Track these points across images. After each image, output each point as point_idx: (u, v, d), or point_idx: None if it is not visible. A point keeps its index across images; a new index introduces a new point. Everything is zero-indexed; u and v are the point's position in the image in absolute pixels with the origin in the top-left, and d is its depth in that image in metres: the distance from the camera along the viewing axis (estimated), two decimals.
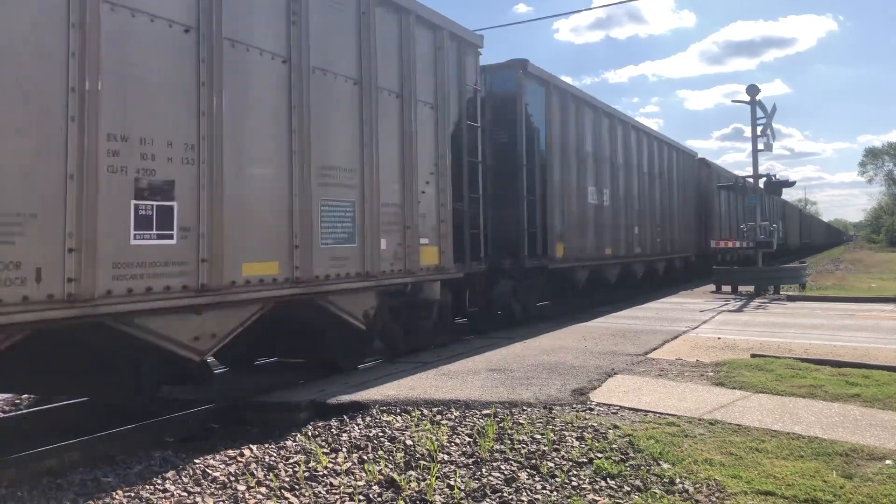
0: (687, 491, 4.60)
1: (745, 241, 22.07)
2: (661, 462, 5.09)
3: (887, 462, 5.05)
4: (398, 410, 6.54)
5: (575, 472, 4.94)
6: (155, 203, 6.05)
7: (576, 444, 5.51)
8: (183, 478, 5.12)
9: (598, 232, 16.46)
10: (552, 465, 5.08)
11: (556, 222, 14.13)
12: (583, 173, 15.70)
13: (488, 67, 12.76)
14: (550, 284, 14.56)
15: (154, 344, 6.13)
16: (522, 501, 4.48)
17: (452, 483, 4.75)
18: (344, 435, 5.94)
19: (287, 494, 4.72)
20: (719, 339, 10.79)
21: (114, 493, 4.83)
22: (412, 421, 6.18)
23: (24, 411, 7.56)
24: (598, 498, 4.54)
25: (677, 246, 23.11)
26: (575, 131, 15.38)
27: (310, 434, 6.03)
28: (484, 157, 11.70)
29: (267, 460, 5.41)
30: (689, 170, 25.24)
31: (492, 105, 12.75)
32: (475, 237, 11.20)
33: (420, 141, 9.76)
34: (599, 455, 5.23)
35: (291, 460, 5.39)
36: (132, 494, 4.82)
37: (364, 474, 4.99)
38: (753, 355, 9.14)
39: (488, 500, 4.53)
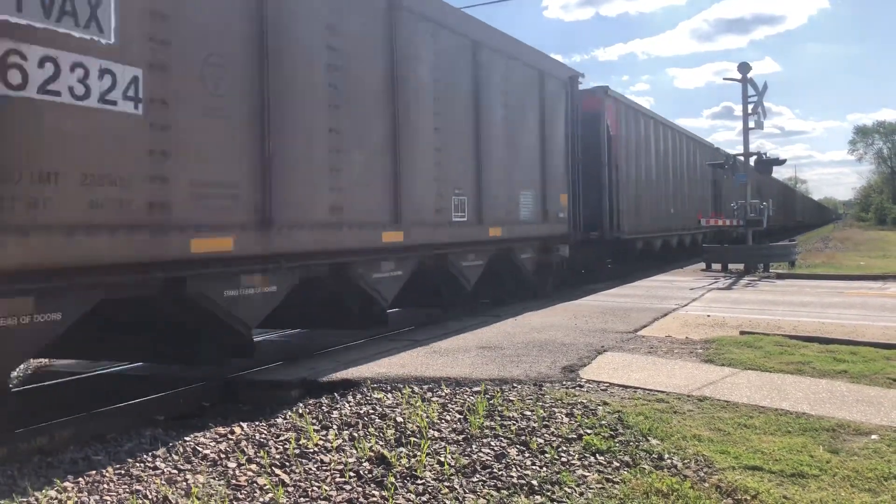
0: (675, 466, 4.64)
1: (734, 219, 22.14)
2: (649, 438, 5.13)
3: (873, 437, 5.10)
4: (389, 388, 6.56)
5: (564, 448, 4.98)
6: None
7: (565, 420, 5.55)
8: (173, 455, 5.13)
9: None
10: (542, 441, 5.11)
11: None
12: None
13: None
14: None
15: None
16: (512, 477, 4.51)
17: (442, 459, 4.78)
18: (335, 412, 5.95)
19: (278, 471, 4.73)
20: (709, 316, 10.85)
21: (104, 471, 4.83)
22: (403, 398, 6.20)
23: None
24: (587, 474, 4.57)
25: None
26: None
27: (301, 411, 6.04)
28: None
29: (258, 438, 5.42)
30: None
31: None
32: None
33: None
34: (589, 431, 5.27)
35: (282, 437, 5.40)
36: (122, 472, 4.83)
37: (355, 451, 5.01)
38: (742, 332, 9.19)
39: (478, 475, 4.56)
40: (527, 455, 4.88)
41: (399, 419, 5.61)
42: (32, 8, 5.14)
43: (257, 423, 5.81)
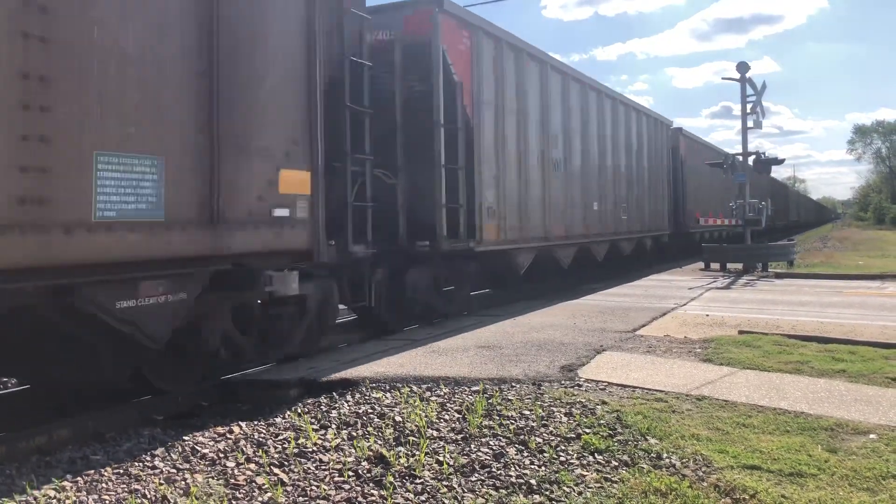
0: (674, 465, 4.64)
1: (732, 218, 22.13)
2: (648, 437, 5.13)
3: (871, 437, 5.11)
4: (388, 387, 6.56)
5: (563, 448, 4.98)
6: None
7: (564, 419, 5.55)
8: (172, 455, 5.13)
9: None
10: (540, 440, 5.11)
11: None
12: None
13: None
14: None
15: None
16: (511, 476, 4.51)
17: (441, 458, 4.78)
18: (333, 412, 5.95)
19: (276, 470, 4.73)
20: (707, 315, 10.86)
21: (103, 471, 4.83)
22: (402, 397, 6.20)
23: None
24: (585, 473, 4.58)
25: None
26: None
27: (299, 411, 6.04)
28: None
29: (256, 437, 5.42)
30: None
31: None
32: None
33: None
34: (587, 431, 5.27)
35: (281, 437, 5.40)
36: (121, 472, 4.82)
37: (353, 450, 5.01)
38: (741, 332, 9.20)
39: (477, 475, 4.56)
40: (525, 454, 4.88)
41: (398, 418, 5.62)
42: None
43: (256, 422, 5.81)
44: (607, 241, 17.61)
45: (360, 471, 4.64)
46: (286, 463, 4.86)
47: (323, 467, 4.76)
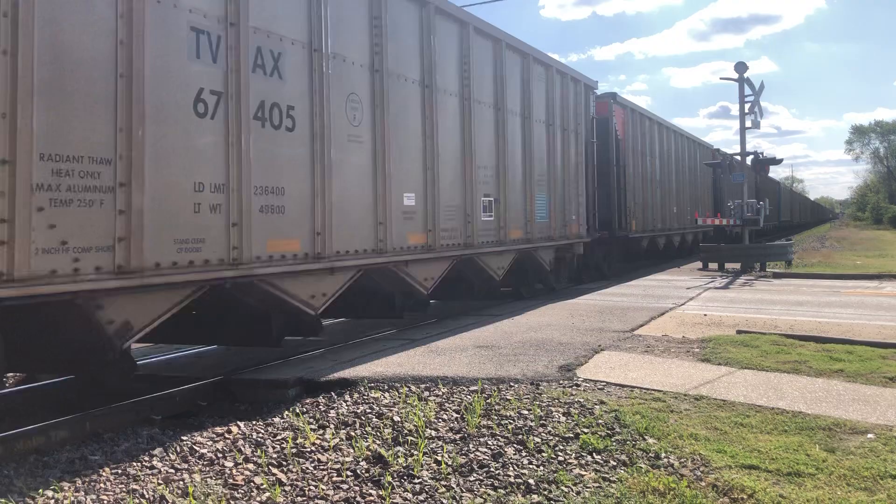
0: (672, 465, 4.64)
1: (731, 217, 22.18)
2: (646, 437, 5.13)
3: (869, 436, 5.11)
4: (386, 387, 6.56)
5: (561, 448, 4.98)
6: None
7: (562, 419, 5.55)
8: (170, 455, 5.13)
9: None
10: (539, 440, 5.11)
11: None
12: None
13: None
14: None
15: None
16: (509, 476, 4.51)
17: (440, 458, 4.78)
18: (332, 411, 5.95)
19: (275, 470, 4.73)
20: (705, 315, 10.86)
21: (101, 471, 4.82)
22: (400, 397, 6.20)
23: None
24: (584, 472, 4.58)
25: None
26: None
27: (298, 411, 6.04)
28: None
29: (255, 437, 5.42)
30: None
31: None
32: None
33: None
34: (586, 430, 5.27)
35: (279, 437, 5.40)
36: (119, 472, 4.82)
37: (352, 450, 5.01)
38: (739, 331, 9.21)
39: (475, 474, 4.56)
40: (524, 454, 4.89)
41: (396, 418, 5.61)
42: None
43: (254, 422, 5.81)
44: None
45: (358, 471, 4.64)
46: (284, 463, 4.86)
47: (321, 467, 4.76)
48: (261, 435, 5.47)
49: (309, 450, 5.06)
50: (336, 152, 8.14)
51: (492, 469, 4.63)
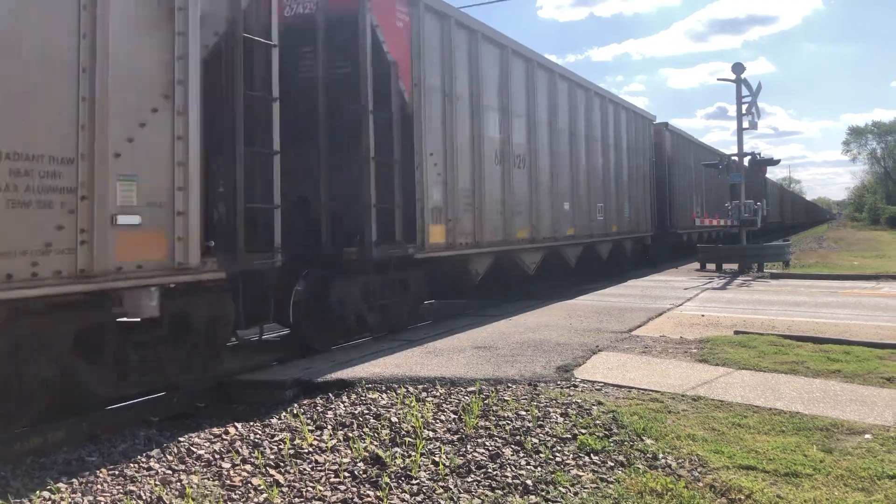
0: (670, 466, 4.64)
1: (727, 218, 22.22)
2: (644, 438, 5.13)
3: (866, 436, 5.12)
4: (384, 388, 6.55)
5: (559, 448, 4.98)
6: None
7: (560, 420, 5.55)
8: (167, 456, 5.12)
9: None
10: (536, 441, 5.11)
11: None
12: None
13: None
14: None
15: None
16: (507, 477, 4.51)
17: (437, 459, 4.78)
18: (329, 412, 5.95)
19: (272, 471, 4.72)
20: (703, 316, 10.87)
21: (98, 472, 4.82)
22: (397, 398, 6.20)
23: None
24: (581, 473, 4.58)
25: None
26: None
27: (295, 412, 6.03)
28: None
29: (252, 438, 5.42)
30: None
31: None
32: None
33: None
34: (583, 431, 5.27)
35: (277, 438, 5.39)
36: (116, 473, 4.81)
37: (349, 451, 5.00)
38: (737, 332, 9.21)
39: (473, 475, 4.56)
40: (521, 455, 4.88)
41: (394, 419, 5.61)
42: None
43: (252, 423, 5.80)
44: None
45: (355, 471, 4.64)
46: (282, 464, 4.86)
47: (319, 468, 4.75)
48: (258, 436, 5.47)
49: (306, 451, 5.06)
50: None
51: (489, 470, 4.63)
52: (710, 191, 28.72)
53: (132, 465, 4.97)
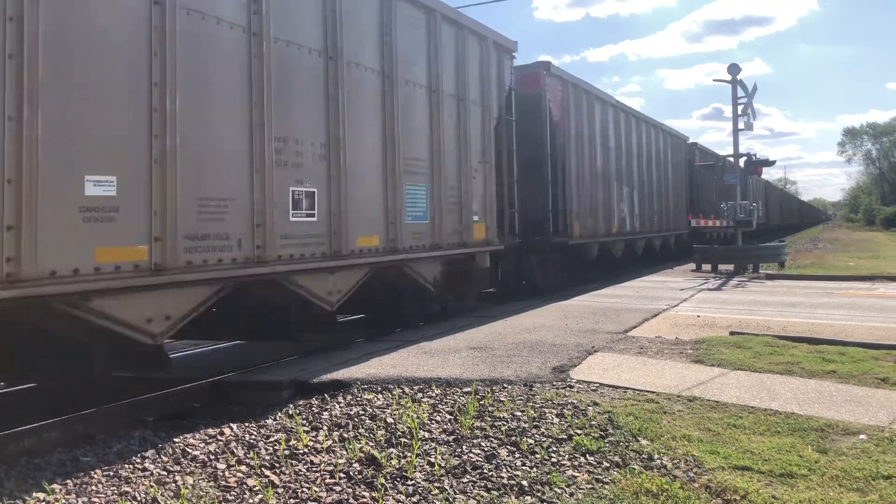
0: (665, 466, 4.65)
1: (724, 219, 22.27)
2: (639, 438, 5.14)
3: (861, 437, 5.13)
4: (379, 388, 6.55)
5: (555, 449, 4.98)
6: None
7: (556, 420, 5.55)
8: (162, 457, 5.11)
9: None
10: (532, 441, 5.11)
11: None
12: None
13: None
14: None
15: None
16: (502, 478, 4.51)
17: (433, 460, 4.77)
18: (325, 413, 5.94)
19: (267, 472, 4.72)
20: (699, 316, 10.89)
21: (92, 473, 4.80)
22: (393, 399, 6.19)
23: None
24: (577, 474, 4.58)
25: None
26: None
27: (291, 412, 6.02)
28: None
29: (247, 439, 5.41)
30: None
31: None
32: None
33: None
34: (579, 431, 5.27)
35: (272, 438, 5.39)
36: (111, 474, 4.80)
37: (345, 452, 5.00)
38: (732, 333, 9.23)
39: (468, 476, 4.56)
40: (517, 456, 4.88)
41: (389, 420, 5.61)
42: None
43: (247, 423, 5.79)
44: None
45: (351, 472, 4.63)
46: (277, 465, 4.85)
47: (314, 469, 4.75)
48: (254, 437, 5.46)
49: (302, 451, 5.05)
50: None
51: (485, 470, 4.63)
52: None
53: (127, 465, 4.96)
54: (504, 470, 4.63)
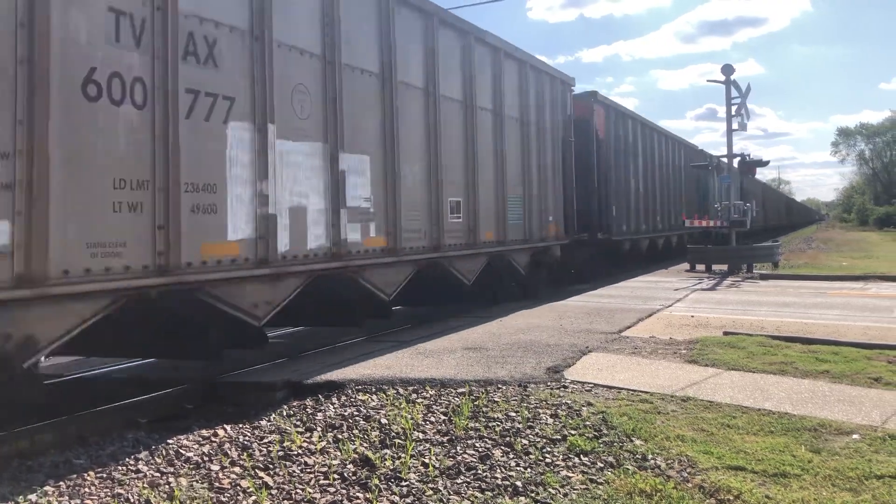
0: (659, 467, 4.65)
1: (718, 219, 22.29)
2: (633, 438, 5.14)
3: (854, 437, 5.14)
4: (374, 389, 6.54)
5: (549, 449, 4.98)
6: None
7: (550, 421, 5.55)
8: (156, 458, 5.09)
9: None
10: (526, 442, 5.11)
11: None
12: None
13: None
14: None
15: None
16: (497, 478, 4.51)
17: (427, 461, 4.77)
18: (319, 414, 5.93)
19: (261, 474, 4.71)
20: (693, 316, 10.90)
21: (85, 475, 4.79)
22: (387, 400, 6.19)
23: None
24: (571, 474, 4.58)
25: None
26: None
27: (285, 413, 6.02)
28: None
29: (241, 440, 5.40)
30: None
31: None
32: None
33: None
34: (573, 432, 5.28)
35: (266, 440, 5.38)
36: (104, 475, 4.79)
37: (339, 453, 4.99)
38: (726, 333, 9.25)
39: (463, 477, 4.56)
40: (511, 456, 4.88)
41: (384, 421, 5.60)
42: None
43: (241, 425, 5.78)
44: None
45: (345, 473, 4.63)
46: (271, 466, 4.84)
47: (308, 470, 4.74)
48: (247, 438, 5.45)
49: (296, 453, 5.04)
50: None
51: (479, 471, 4.62)
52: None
53: (120, 467, 4.95)
54: (498, 470, 4.63)
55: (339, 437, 5.34)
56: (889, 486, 4.29)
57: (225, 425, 5.77)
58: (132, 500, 4.34)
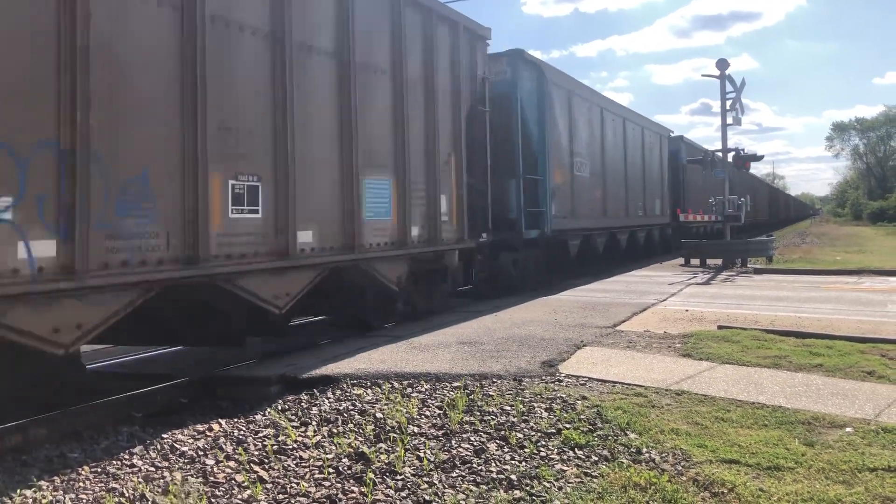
0: (653, 460, 4.67)
1: (712, 214, 22.33)
2: (628, 432, 5.15)
3: (847, 430, 5.16)
4: (369, 384, 6.54)
5: (544, 443, 4.99)
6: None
7: (545, 415, 5.56)
8: (151, 453, 5.09)
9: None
10: (521, 436, 5.12)
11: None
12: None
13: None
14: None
15: None
16: (491, 472, 4.52)
17: (422, 455, 4.78)
18: (314, 408, 5.93)
19: (256, 468, 4.71)
20: (687, 311, 10.93)
21: (80, 469, 4.78)
22: (382, 394, 6.19)
23: None
24: (566, 468, 4.59)
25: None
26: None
27: (280, 408, 6.01)
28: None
29: (236, 434, 5.39)
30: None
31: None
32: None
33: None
34: (568, 426, 5.29)
35: (261, 434, 5.38)
36: (99, 470, 4.78)
37: (334, 447, 4.99)
38: (720, 327, 9.27)
39: (458, 471, 4.57)
40: (506, 450, 4.89)
41: (378, 415, 5.60)
42: None
43: (236, 419, 5.78)
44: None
45: (340, 467, 4.63)
46: (266, 460, 4.84)
47: (303, 464, 4.74)
48: (242, 432, 5.44)
49: (291, 447, 5.04)
50: None
51: (474, 465, 4.63)
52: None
53: (115, 462, 4.94)
54: (493, 464, 4.64)
55: (334, 431, 5.34)
56: (882, 478, 4.31)
57: (220, 420, 5.76)
58: (127, 495, 4.34)
